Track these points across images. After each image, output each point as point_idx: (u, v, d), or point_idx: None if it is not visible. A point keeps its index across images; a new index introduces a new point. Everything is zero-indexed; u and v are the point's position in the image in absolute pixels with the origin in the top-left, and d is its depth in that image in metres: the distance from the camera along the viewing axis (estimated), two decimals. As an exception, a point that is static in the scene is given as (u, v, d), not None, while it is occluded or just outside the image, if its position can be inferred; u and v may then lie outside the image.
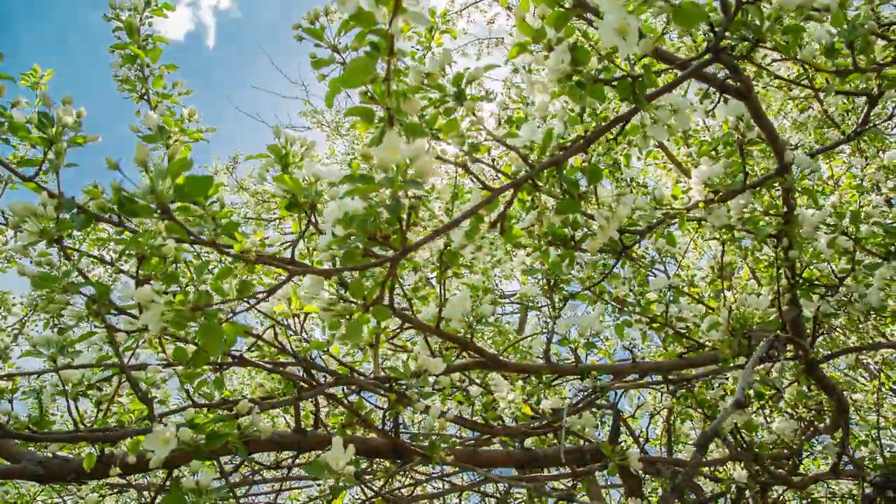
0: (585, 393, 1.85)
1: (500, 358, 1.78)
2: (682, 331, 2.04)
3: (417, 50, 2.79)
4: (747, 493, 2.90)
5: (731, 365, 1.81)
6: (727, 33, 1.17)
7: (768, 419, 3.01)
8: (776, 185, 1.76)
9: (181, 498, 1.10)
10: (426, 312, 1.80)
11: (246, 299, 1.64)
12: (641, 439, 3.27)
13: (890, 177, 2.38)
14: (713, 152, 1.76)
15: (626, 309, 2.01)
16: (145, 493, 3.35)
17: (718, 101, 1.37)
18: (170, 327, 1.08)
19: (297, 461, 1.98)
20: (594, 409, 2.70)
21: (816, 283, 2.22)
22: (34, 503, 3.80)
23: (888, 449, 2.49)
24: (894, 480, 2.21)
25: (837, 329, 4.06)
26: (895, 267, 1.64)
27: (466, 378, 2.51)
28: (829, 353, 2.30)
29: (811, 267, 2.20)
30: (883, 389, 3.65)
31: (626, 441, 3.92)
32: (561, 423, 1.89)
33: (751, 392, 2.30)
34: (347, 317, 1.08)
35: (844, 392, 2.97)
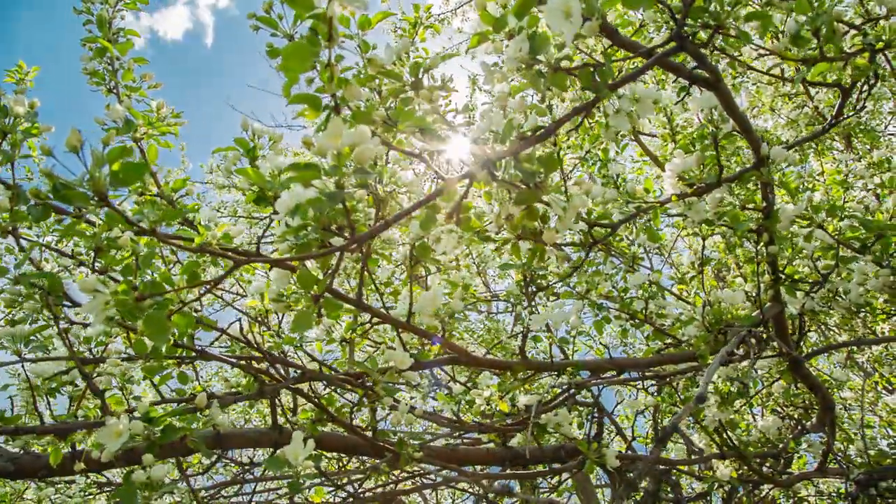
0: (562, 389, 1.83)
1: (474, 354, 1.77)
2: (662, 327, 2.02)
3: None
4: (740, 490, 2.89)
5: (709, 361, 1.78)
6: (689, 20, 1.15)
7: (756, 417, 2.99)
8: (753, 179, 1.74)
9: (133, 492, 1.08)
10: (401, 308, 1.79)
11: (219, 296, 1.62)
12: (631, 437, 3.24)
13: (876, 173, 2.36)
14: (691, 146, 1.73)
15: (605, 305, 2.00)
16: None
17: (687, 93, 1.35)
18: (123, 318, 1.07)
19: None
20: (579, 407, 2.68)
21: (800, 279, 2.20)
22: (21, 501, 3.79)
23: (876, 447, 2.46)
24: (877, 478, 2.19)
25: (833, 328, 4.04)
26: (870, 260, 1.61)
27: (449, 376, 2.49)
28: (812, 350, 2.27)
29: (793, 263, 2.17)
30: (878, 388, 3.63)
31: (614, 439, 3.89)
32: (538, 419, 1.88)
33: (732, 389, 2.28)
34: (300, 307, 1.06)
35: (837, 390, 2.95)
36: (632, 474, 1.06)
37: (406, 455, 1.53)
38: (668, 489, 2.07)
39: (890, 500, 2.42)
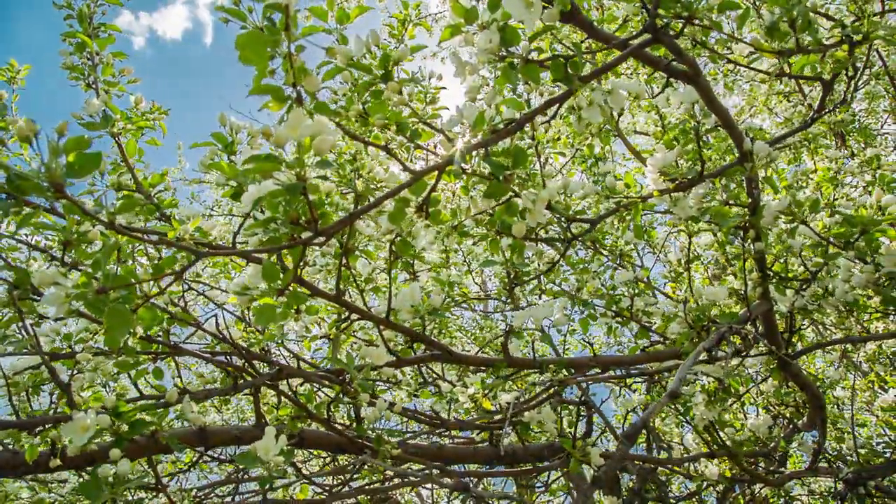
0: (545, 387, 1.81)
1: (456, 351, 1.75)
2: (649, 325, 2.00)
3: (389, 43, 2.76)
4: (737, 489, 2.87)
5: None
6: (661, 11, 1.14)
7: (748, 416, 2.97)
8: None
9: (97, 487, 1.07)
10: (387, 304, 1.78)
11: (201, 292, 1.62)
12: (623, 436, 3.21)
13: (867, 170, 2.34)
14: (675, 142, 1.72)
15: (591, 302, 1.98)
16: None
17: (670, 86, 1.34)
18: (89, 311, 1.06)
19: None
20: (570, 406, 2.66)
21: (788, 277, 2.18)
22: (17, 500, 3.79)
23: (870, 446, 2.44)
24: (865, 477, 2.17)
25: (830, 327, 4.01)
26: (853, 256, 1.60)
27: (436, 374, 2.48)
28: (800, 349, 2.25)
29: (781, 261, 2.15)
30: (874, 387, 3.60)
31: (601, 437, 3.87)
32: (520, 417, 1.86)
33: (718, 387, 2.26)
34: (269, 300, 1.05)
35: (831, 389, 2.93)
36: (597, 472, 1.05)
37: (384, 452, 1.52)
38: (654, 488, 2.05)
39: (879, 499, 2.41)
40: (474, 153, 1.11)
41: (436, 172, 1.08)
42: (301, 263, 1.02)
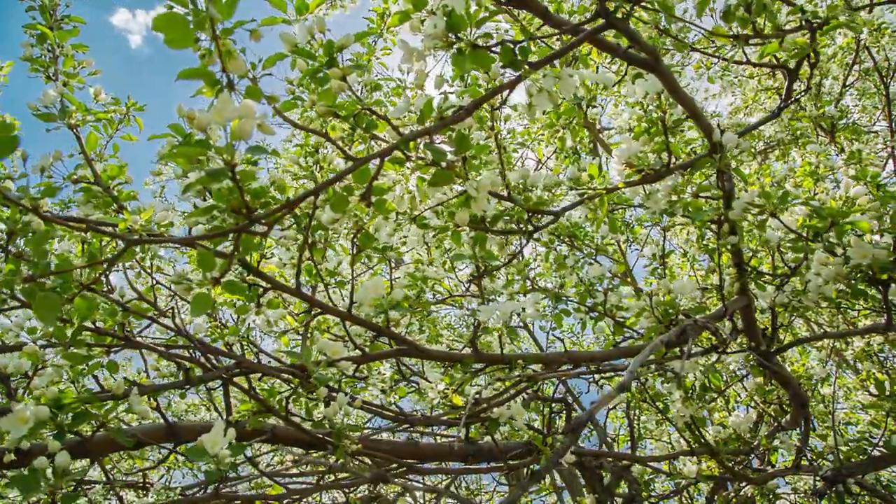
0: (514, 383, 1.79)
1: (422, 346, 1.73)
2: (622, 320, 1.98)
3: (369, 38, 2.74)
4: (729, 486, 2.83)
5: (665, 354, 1.74)
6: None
7: (732, 413, 2.93)
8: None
9: (33, 480, 1.06)
10: (362, 297, 1.76)
11: (159, 282, 1.58)
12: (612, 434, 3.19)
13: (850, 164, 2.30)
14: (646, 133, 1.69)
15: (563, 297, 1.96)
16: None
17: (625, 74, 1.31)
18: (27, 300, 1.04)
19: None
20: (551, 403, 2.63)
21: (766, 272, 2.15)
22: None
23: (859, 442, 2.40)
24: (844, 475, 2.13)
25: (822, 324, 3.97)
26: (822, 249, 1.57)
27: (411, 370, 2.46)
28: (778, 346, 2.22)
29: (759, 255, 2.13)
30: (866, 384, 3.56)
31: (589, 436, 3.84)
32: (489, 413, 1.84)
33: (696, 384, 2.23)
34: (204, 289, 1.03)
35: (818, 386, 2.89)
36: (538, 467, 1.02)
37: (343, 447, 1.50)
38: (627, 485, 2.02)
39: (864, 497, 2.38)
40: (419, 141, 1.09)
41: (377, 159, 1.05)
42: (235, 253, 1.00)
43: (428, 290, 2.17)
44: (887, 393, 1.74)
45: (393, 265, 2.51)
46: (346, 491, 2.58)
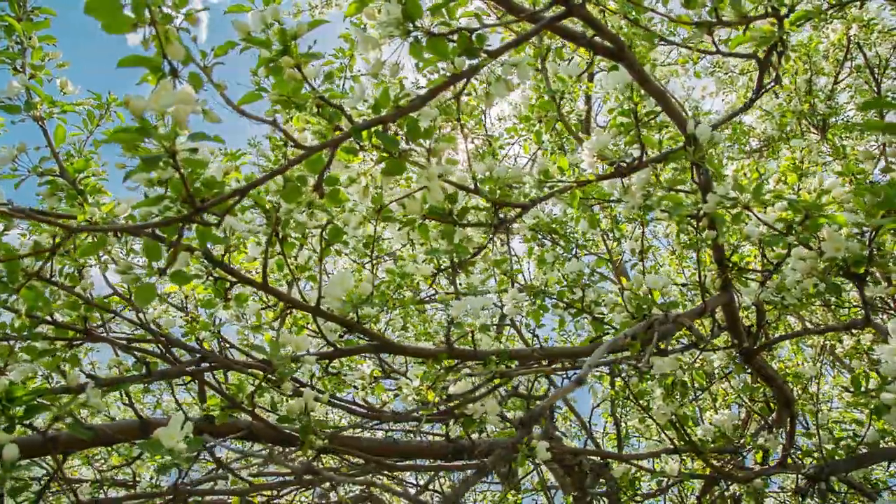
0: (487, 379, 1.77)
1: (395, 342, 1.71)
2: (600, 316, 1.95)
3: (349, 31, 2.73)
4: (724, 483, 2.81)
5: (640, 350, 1.72)
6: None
7: (718, 412, 2.91)
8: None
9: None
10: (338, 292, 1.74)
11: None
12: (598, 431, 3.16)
13: (836, 159, 2.28)
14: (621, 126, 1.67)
15: (540, 293, 1.94)
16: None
17: (591, 65, 1.29)
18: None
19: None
20: (534, 403, 2.61)
21: (749, 268, 2.13)
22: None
23: (837, 440, 2.37)
24: (827, 473, 2.11)
25: (816, 323, 3.94)
26: (795, 243, 1.54)
27: (391, 367, 2.44)
28: (763, 343, 2.20)
29: (741, 250, 2.10)
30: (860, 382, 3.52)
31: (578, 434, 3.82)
32: (464, 409, 1.82)
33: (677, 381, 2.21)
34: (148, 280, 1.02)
35: (800, 383, 2.86)
36: (487, 460, 1.01)
37: (309, 444, 1.48)
38: (604, 482, 2.00)
39: (846, 494, 2.35)
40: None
41: (328, 148, 1.04)
42: (179, 244, 0.98)
43: (408, 287, 2.15)
44: (863, 389, 1.71)
45: (374, 261, 2.49)
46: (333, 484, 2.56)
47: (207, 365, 1.55)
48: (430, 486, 2.77)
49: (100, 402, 1.22)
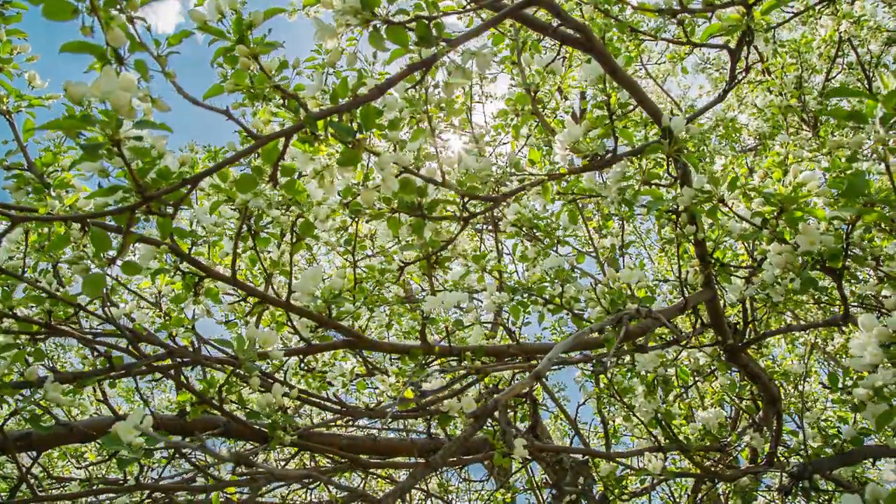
0: (462, 375, 1.75)
1: (369, 337, 1.70)
2: (580, 312, 1.94)
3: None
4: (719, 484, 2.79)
5: (614, 344, 1.70)
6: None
7: (705, 409, 2.89)
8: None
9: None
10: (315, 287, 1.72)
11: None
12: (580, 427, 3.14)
13: (820, 155, 2.26)
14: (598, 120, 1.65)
15: (518, 289, 1.92)
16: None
17: (558, 54, 1.28)
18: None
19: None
20: (515, 400, 2.59)
21: (732, 264, 2.11)
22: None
23: (822, 438, 2.35)
24: (811, 471, 2.09)
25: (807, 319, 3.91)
26: (769, 237, 1.52)
27: (371, 364, 2.42)
28: (748, 340, 2.18)
29: (721, 247, 2.08)
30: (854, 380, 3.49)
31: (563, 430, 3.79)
32: (438, 406, 1.80)
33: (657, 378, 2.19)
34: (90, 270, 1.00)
35: (787, 380, 2.84)
36: (436, 456, 0.99)
37: (277, 440, 1.47)
38: (583, 481, 1.99)
39: (833, 492, 2.32)
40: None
41: (282, 138, 1.02)
42: (128, 233, 0.97)
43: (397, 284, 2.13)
44: (840, 386, 1.69)
45: (354, 256, 2.48)
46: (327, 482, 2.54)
47: (171, 361, 1.54)
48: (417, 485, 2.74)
49: (60, 396, 1.21)
